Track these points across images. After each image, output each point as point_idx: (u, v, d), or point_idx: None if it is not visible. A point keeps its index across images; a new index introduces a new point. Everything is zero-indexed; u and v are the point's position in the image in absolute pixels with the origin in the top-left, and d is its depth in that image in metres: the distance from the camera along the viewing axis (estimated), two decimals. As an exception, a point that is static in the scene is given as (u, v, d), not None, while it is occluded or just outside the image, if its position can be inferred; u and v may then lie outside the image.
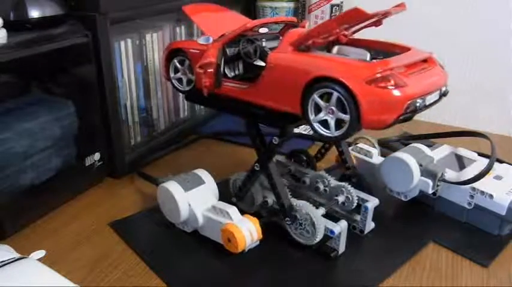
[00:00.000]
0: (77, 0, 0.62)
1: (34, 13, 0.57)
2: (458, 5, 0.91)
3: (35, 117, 0.58)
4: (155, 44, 0.75)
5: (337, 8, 0.93)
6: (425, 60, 0.47)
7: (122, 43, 0.69)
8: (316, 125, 0.46)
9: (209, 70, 0.52)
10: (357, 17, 0.43)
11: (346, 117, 0.43)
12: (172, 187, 0.55)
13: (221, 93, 0.54)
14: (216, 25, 0.57)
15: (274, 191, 0.54)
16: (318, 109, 0.45)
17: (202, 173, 0.58)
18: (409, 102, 0.42)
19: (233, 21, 0.58)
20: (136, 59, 0.72)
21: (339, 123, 0.44)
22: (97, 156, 0.68)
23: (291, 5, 0.97)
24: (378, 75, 0.41)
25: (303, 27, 0.58)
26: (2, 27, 0.54)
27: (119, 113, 0.70)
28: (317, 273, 0.51)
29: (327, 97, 0.44)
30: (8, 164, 0.55)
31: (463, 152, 0.65)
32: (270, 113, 0.50)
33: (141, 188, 0.69)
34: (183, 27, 0.81)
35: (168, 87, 0.80)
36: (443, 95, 0.48)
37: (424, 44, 0.99)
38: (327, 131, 0.45)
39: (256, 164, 0.55)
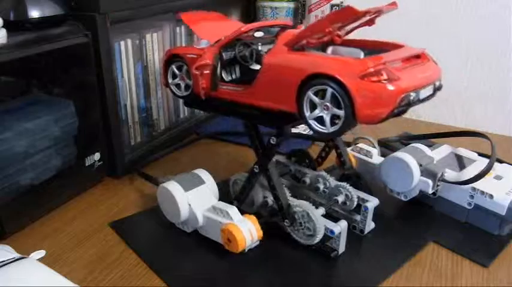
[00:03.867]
0: (77, 0, 0.62)
1: (34, 13, 0.57)
2: (458, 5, 0.91)
3: (35, 117, 0.58)
4: (155, 44, 0.75)
5: (337, 8, 0.93)
6: (418, 56, 0.48)
7: (122, 43, 0.69)
8: (312, 122, 0.46)
9: (205, 72, 0.53)
10: (349, 15, 0.44)
11: (341, 112, 0.43)
12: (172, 187, 0.55)
13: (218, 96, 0.54)
14: (213, 31, 0.58)
15: (274, 193, 0.54)
16: (313, 106, 0.46)
17: (202, 173, 0.58)
18: (402, 95, 0.42)
19: (230, 27, 0.59)
20: (136, 59, 0.72)
21: (334, 119, 0.45)
22: (97, 156, 0.68)
23: (291, 5, 0.97)
24: (371, 69, 0.42)
25: (298, 29, 0.58)
26: (2, 27, 0.54)
27: (119, 113, 0.70)
28: (317, 273, 0.51)
29: (321, 94, 0.44)
30: (8, 164, 0.55)
31: (463, 152, 0.65)
32: (266, 114, 0.51)
33: (141, 188, 0.69)
34: (183, 27, 0.81)
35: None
36: (437, 89, 0.48)
37: (424, 44, 0.99)
38: (323, 127, 0.46)
39: (256, 166, 0.55)
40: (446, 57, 0.95)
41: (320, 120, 0.46)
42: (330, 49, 0.52)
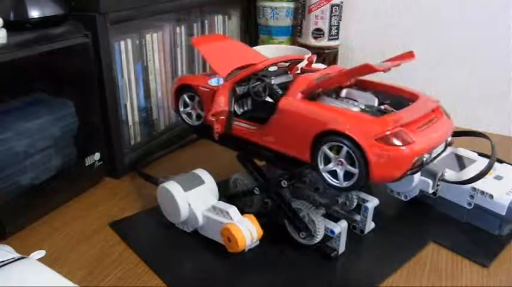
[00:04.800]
0: (77, 0, 0.62)
1: (34, 13, 0.57)
2: (457, 5, 0.91)
3: (35, 117, 0.58)
4: (155, 44, 0.75)
5: (337, 8, 0.93)
6: (433, 110, 0.48)
7: (122, 43, 0.69)
8: (326, 175, 0.46)
9: (221, 118, 0.53)
10: (368, 71, 0.44)
11: (355, 170, 0.44)
12: (172, 187, 0.55)
13: (231, 133, 0.55)
14: (225, 59, 0.58)
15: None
16: (327, 159, 0.46)
17: (202, 173, 0.58)
18: (416, 158, 0.43)
19: (240, 54, 0.59)
20: (136, 59, 0.72)
21: (347, 173, 0.45)
22: (97, 156, 0.68)
23: (291, 5, 0.97)
24: (388, 132, 0.42)
25: (311, 61, 0.58)
26: (2, 27, 0.54)
27: (119, 113, 0.70)
28: (317, 273, 0.51)
29: (336, 149, 0.45)
30: (8, 164, 0.55)
31: (463, 152, 0.65)
32: (279, 157, 0.51)
33: (141, 188, 0.69)
34: (183, 27, 0.81)
35: (168, 87, 0.80)
36: (448, 145, 0.49)
37: (424, 44, 0.99)
38: (336, 181, 0.46)
39: (256, 188, 0.56)
40: (446, 57, 0.95)
41: (333, 173, 0.46)
42: (344, 92, 0.52)
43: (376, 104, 0.49)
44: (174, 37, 0.80)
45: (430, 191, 0.58)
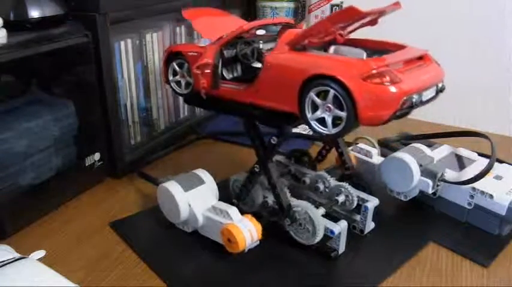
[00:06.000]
0: (77, 0, 0.62)
1: (34, 13, 0.57)
2: (456, 5, 0.91)
3: (35, 117, 0.58)
4: (155, 44, 0.75)
5: (337, 8, 0.93)
6: (420, 58, 0.48)
7: (122, 43, 0.69)
8: (314, 123, 0.46)
9: (206, 71, 0.53)
10: (352, 15, 0.44)
11: (343, 114, 0.43)
12: (172, 187, 0.55)
13: (219, 95, 0.54)
14: (215, 28, 0.58)
15: (274, 192, 0.54)
16: (314, 107, 0.46)
17: (202, 173, 0.58)
18: (405, 98, 0.42)
19: (231, 24, 0.59)
20: (136, 59, 0.72)
21: (336, 120, 0.44)
22: (97, 156, 0.68)
23: (291, 5, 0.97)
24: (374, 71, 0.42)
25: (300, 27, 0.58)
26: (2, 27, 0.54)
27: (119, 113, 0.70)
28: (317, 273, 0.51)
29: (323, 95, 0.44)
30: (8, 164, 0.55)
31: (463, 152, 0.65)
32: (267, 113, 0.51)
33: (141, 188, 0.69)
34: (183, 27, 0.81)
35: (168, 87, 0.80)
36: (439, 91, 0.48)
37: (423, 44, 0.99)
38: (325, 128, 0.46)
39: (256, 165, 0.55)
40: (446, 57, 0.95)
41: (322, 121, 0.45)
42: (332, 49, 0.52)
43: (364, 57, 0.49)
44: (174, 37, 0.80)
45: (430, 191, 0.58)
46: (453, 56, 0.94)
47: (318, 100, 0.45)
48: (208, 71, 0.53)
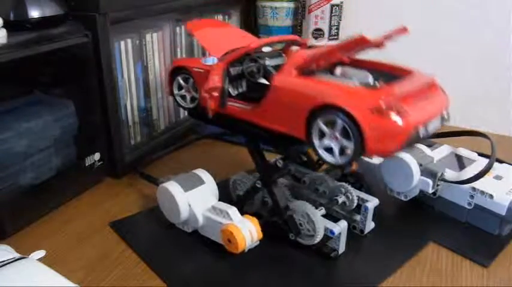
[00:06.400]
0: (77, 0, 0.62)
1: (34, 13, 0.57)
2: (458, 4, 0.91)
3: (35, 117, 0.58)
4: (155, 44, 0.75)
5: (337, 8, 0.93)
6: (427, 85, 0.47)
7: (122, 43, 0.69)
8: (321, 151, 0.46)
9: (215, 94, 0.53)
10: (362, 44, 0.44)
11: (350, 145, 0.43)
12: (172, 187, 0.55)
13: (225, 112, 0.54)
14: (219, 42, 0.57)
15: (277, 208, 0.54)
16: (322, 135, 0.45)
17: (202, 173, 0.58)
18: (411, 130, 0.42)
19: (235, 37, 0.59)
20: (136, 59, 0.72)
21: (343, 149, 0.44)
22: (97, 156, 0.68)
23: (291, 5, 0.97)
24: (382, 104, 0.41)
25: (305, 43, 0.58)
26: (2, 27, 0.54)
27: (119, 113, 0.70)
28: (317, 273, 0.51)
29: (331, 124, 0.44)
30: (8, 164, 0.55)
31: (463, 152, 0.65)
32: (273, 136, 0.50)
33: (141, 188, 0.69)
34: (183, 27, 0.81)
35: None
36: (444, 120, 0.48)
37: (424, 44, 0.99)
38: (332, 157, 0.45)
39: (258, 181, 0.55)
40: (446, 57, 0.95)
41: (329, 149, 0.45)
42: (338, 70, 0.52)
43: (370, 80, 0.49)
44: (174, 37, 0.80)
45: (430, 191, 0.58)
46: (453, 56, 0.94)
47: (325, 129, 0.45)
48: (217, 94, 0.53)
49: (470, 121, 0.90)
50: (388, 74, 0.49)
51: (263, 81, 0.52)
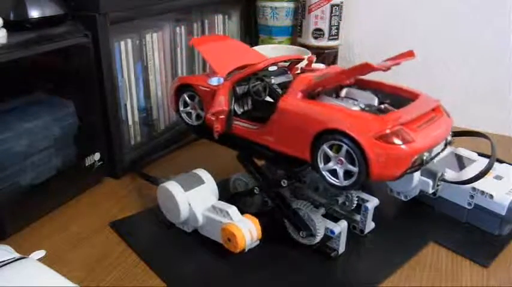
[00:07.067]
0: (77, 0, 0.62)
1: (34, 13, 0.57)
2: (458, 4, 0.91)
3: (35, 117, 0.58)
4: (155, 44, 0.75)
5: (337, 8, 0.93)
6: (433, 109, 0.48)
7: (122, 43, 0.69)
8: (326, 174, 0.46)
9: (221, 117, 0.53)
10: (367, 70, 0.44)
11: (354, 169, 0.44)
12: (172, 186, 0.55)
13: (231, 132, 0.54)
14: (224, 59, 0.57)
15: (281, 212, 0.54)
16: (327, 158, 0.46)
17: (202, 173, 0.58)
18: (416, 156, 0.43)
19: (239, 53, 0.59)
20: (136, 59, 0.72)
21: (347, 172, 0.45)
22: (97, 156, 0.68)
23: (291, 5, 0.97)
24: (388, 131, 0.42)
25: (311, 61, 0.58)
26: (2, 27, 0.54)
27: (119, 113, 0.70)
28: (317, 273, 0.51)
29: (336, 148, 0.45)
30: (8, 164, 0.55)
31: (463, 152, 0.65)
32: (279, 156, 0.51)
33: (141, 188, 0.69)
34: (183, 27, 0.81)
35: (168, 87, 0.80)
36: (448, 144, 0.49)
37: (423, 44, 0.99)
38: (336, 180, 0.46)
39: (256, 187, 0.56)
40: (446, 57, 0.95)
41: (333, 172, 0.46)
42: (343, 91, 0.52)
43: (376, 103, 0.49)
44: (174, 37, 0.80)
45: (430, 191, 0.58)
46: (453, 56, 0.94)
47: (330, 153, 0.45)
48: (223, 117, 0.53)
49: (470, 121, 0.90)
50: (394, 96, 0.50)
51: (268, 99, 0.52)
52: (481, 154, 0.64)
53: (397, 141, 0.42)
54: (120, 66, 0.69)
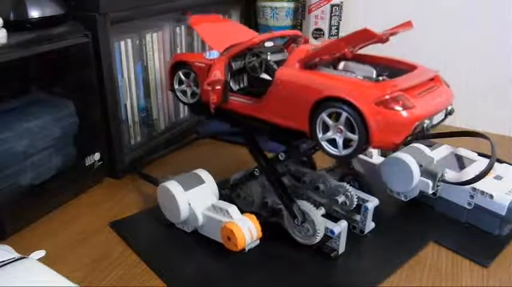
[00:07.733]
0: (77, 0, 0.62)
1: (34, 13, 0.57)
2: (458, 4, 0.91)
3: (35, 117, 0.58)
4: (155, 44, 0.75)
5: (337, 8, 0.93)
6: (431, 79, 0.47)
7: (122, 43, 0.69)
8: (324, 144, 0.46)
9: (217, 87, 0.52)
10: (366, 37, 0.43)
11: (354, 137, 0.43)
12: (172, 186, 0.55)
13: (226, 107, 0.54)
14: (221, 37, 0.57)
15: (277, 194, 0.54)
16: (325, 127, 0.45)
17: (202, 173, 0.58)
18: (417, 123, 0.42)
19: (236, 32, 0.58)
20: (136, 59, 0.72)
21: (346, 142, 0.44)
22: (97, 156, 0.68)
23: (291, 5, 0.97)
24: (387, 96, 0.41)
25: (306, 41, 0.58)
26: (2, 27, 0.54)
27: (119, 113, 0.70)
28: (317, 273, 0.51)
29: (335, 116, 0.44)
30: (8, 164, 0.55)
31: (463, 152, 0.65)
32: (276, 129, 0.50)
33: (141, 188, 0.69)
34: (183, 27, 0.81)
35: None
36: (448, 113, 0.48)
37: (423, 44, 0.99)
38: (335, 149, 0.45)
39: (256, 169, 0.55)
40: (446, 57, 0.95)
41: (332, 141, 0.45)
42: (341, 64, 0.52)
43: (374, 75, 0.48)
44: (174, 37, 0.80)
45: (430, 191, 0.58)
46: (453, 56, 0.94)
47: (329, 121, 0.44)
48: (219, 87, 0.52)
49: (470, 121, 0.90)
50: (392, 68, 0.49)
51: (265, 76, 0.52)
52: (481, 154, 0.64)
53: (397, 107, 0.41)
54: (120, 66, 0.69)
